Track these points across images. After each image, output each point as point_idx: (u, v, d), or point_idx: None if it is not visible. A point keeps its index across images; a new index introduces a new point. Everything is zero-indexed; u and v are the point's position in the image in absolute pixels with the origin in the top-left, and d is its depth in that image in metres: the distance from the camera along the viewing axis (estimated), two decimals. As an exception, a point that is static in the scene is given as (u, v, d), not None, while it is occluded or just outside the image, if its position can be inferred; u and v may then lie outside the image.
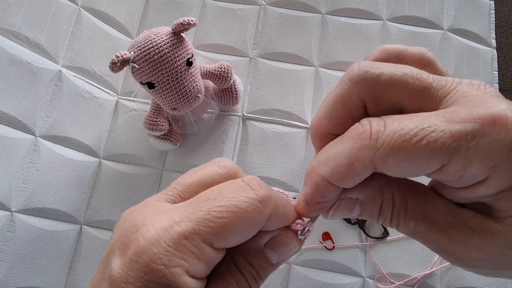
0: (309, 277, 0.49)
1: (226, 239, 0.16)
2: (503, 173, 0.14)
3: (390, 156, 0.15)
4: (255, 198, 0.17)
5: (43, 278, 0.47)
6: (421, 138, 0.14)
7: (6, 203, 0.44)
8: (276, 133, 0.55)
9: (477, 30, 0.62)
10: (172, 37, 0.43)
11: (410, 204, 0.17)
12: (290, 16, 0.61)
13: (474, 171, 0.14)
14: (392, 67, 0.17)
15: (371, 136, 0.15)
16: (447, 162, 0.14)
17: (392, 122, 0.15)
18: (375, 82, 0.17)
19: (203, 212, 0.16)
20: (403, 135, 0.15)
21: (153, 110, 0.50)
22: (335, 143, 0.17)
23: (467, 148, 0.14)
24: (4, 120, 0.45)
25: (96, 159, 0.53)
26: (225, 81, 0.50)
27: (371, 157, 0.15)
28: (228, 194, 0.17)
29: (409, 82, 0.16)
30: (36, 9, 0.49)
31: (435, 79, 0.17)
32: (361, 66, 0.17)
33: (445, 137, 0.14)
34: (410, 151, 0.14)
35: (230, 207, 0.16)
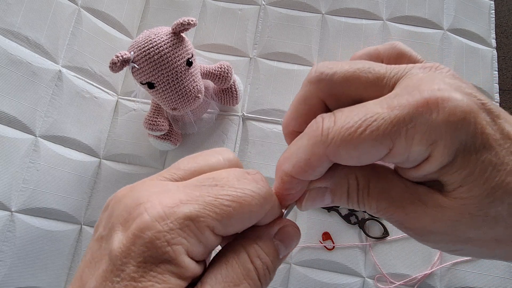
0: (309, 277, 0.49)
1: (227, 226, 0.17)
2: (441, 148, 0.16)
3: (340, 149, 0.16)
4: (260, 194, 0.17)
5: (43, 278, 0.47)
6: (365, 128, 0.16)
7: (6, 203, 0.44)
8: (276, 133, 0.55)
9: (477, 30, 0.62)
10: (172, 37, 0.43)
11: (372, 185, 0.18)
12: (290, 16, 0.61)
13: (416, 150, 0.16)
14: (345, 65, 0.18)
15: (322, 132, 0.17)
16: (392, 146, 0.16)
17: (341, 116, 0.17)
18: (330, 81, 0.18)
19: (211, 198, 0.16)
20: (349, 128, 0.16)
21: (153, 110, 0.50)
22: (297, 140, 0.19)
23: (406, 130, 0.15)
24: (4, 120, 0.45)
25: (96, 159, 0.53)
26: (225, 81, 0.50)
27: (324, 151, 0.17)
28: (235, 184, 0.17)
29: (362, 76, 0.18)
30: (36, 9, 0.49)
31: (388, 69, 0.18)
32: (317, 68, 0.19)
33: (386, 124, 0.16)
34: (357, 142, 0.16)
35: (237, 198, 0.17)
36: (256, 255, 0.18)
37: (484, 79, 0.59)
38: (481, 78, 0.59)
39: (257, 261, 0.18)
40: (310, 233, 0.51)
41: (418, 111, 0.15)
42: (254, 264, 0.17)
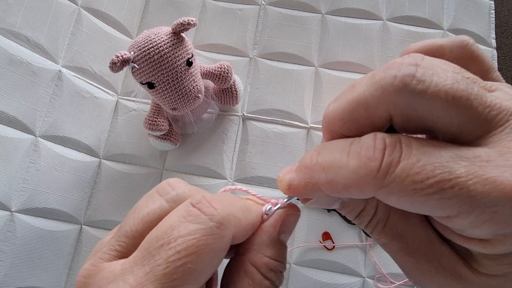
0: (309, 277, 0.49)
1: (196, 281, 0.14)
2: (508, 243, 0.13)
3: (395, 197, 0.13)
4: (212, 226, 0.15)
5: (43, 278, 0.47)
6: (436, 191, 0.12)
7: (6, 203, 0.44)
8: (276, 133, 0.55)
9: (477, 30, 0.62)
10: (172, 37, 0.43)
11: (391, 220, 0.16)
12: (290, 16, 0.61)
13: (479, 232, 0.13)
14: (441, 79, 0.13)
15: (380, 168, 0.13)
16: (454, 215, 0.13)
17: (411, 153, 0.13)
18: (412, 101, 0.13)
19: (162, 266, 0.14)
20: (417, 182, 0.13)
21: (153, 110, 0.50)
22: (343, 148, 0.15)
23: (482, 211, 0.12)
24: (4, 120, 0.45)
25: (96, 159, 0.53)
26: (225, 81, 0.50)
27: (373, 190, 0.14)
28: (180, 232, 0.14)
29: (454, 109, 0.13)
30: (36, 9, 0.49)
31: (487, 107, 0.13)
32: (401, 74, 0.13)
33: (463, 195, 0.12)
34: (418, 200, 0.13)
35: (189, 249, 0.14)
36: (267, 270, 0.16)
37: (484, 79, 0.59)
38: (481, 78, 0.59)
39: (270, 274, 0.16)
40: (310, 233, 0.51)
41: (509, 200, 0.12)
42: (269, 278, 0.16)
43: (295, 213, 0.18)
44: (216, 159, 0.54)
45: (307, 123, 0.56)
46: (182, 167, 0.54)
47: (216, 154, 0.54)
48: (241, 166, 0.54)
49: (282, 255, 0.17)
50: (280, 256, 0.17)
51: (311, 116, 0.56)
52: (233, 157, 0.55)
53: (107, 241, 0.17)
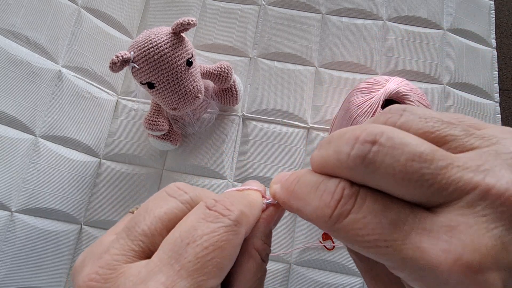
0: (309, 277, 0.49)
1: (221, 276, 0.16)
2: None
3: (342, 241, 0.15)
4: (231, 224, 0.16)
5: (43, 278, 0.47)
6: (372, 246, 0.14)
7: (6, 203, 0.44)
8: (276, 133, 0.55)
9: (477, 30, 0.62)
10: (172, 37, 0.43)
11: None
12: (290, 16, 0.61)
13: (414, 285, 0.14)
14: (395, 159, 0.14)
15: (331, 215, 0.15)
16: (391, 267, 0.14)
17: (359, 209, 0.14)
18: (367, 177, 0.14)
19: (192, 262, 0.15)
20: (358, 235, 0.14)
21: (153, 110, 0.50)
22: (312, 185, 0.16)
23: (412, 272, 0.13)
24: (4, 120, 0.45)
25: (96, 159, 0.53)
26: (225, 81, 0.50)
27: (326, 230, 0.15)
28: (204, 230, 0.15)
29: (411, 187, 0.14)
30: (36, 9, 0.49)
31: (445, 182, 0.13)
32: (353, 154, 0.14)
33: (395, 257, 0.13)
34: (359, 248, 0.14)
35: (216, 244, 0.15)
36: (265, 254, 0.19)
37: (484, 79, 0.59)
38: (481, 78, 0.59)
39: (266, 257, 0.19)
40: (310, 233, 0.51)
41: (435, 272, 0.12)
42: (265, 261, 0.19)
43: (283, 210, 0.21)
44: (216, 159, 0.54)
45: (307, 123, 0.56)
46: (182, 167, 0.54)
47: (216, 154, 0.54)
48: (241, 166, 0.54)
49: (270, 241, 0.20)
50: (270, 242, 0.20)
51: (311, 116, 0.56)
52: (233, 157, 0.55)
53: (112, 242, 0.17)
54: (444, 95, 0.58)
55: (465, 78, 0.59)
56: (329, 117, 0.56)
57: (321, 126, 0.56)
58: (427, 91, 0.57)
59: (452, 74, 0.59)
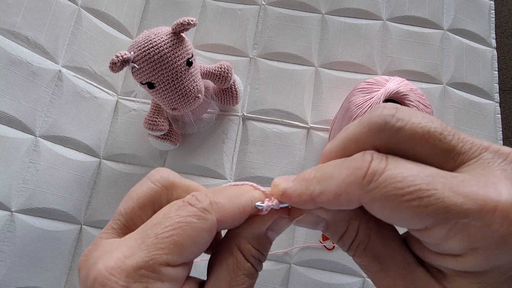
0: (309, 277, 0.49)
1: (181, 254, 0.17)
2: (479, 258, 0.14)
3: (377, 203, 0.15)
4: (195, 210, 0.17)
5: (43, 278, 0.47)
6: (414, 198, 0.14)
7: (6, 203, 0.44)
8: (276, 133, 0.55)
9: (477, 30, 0.62)
10: (172, 37, 0.43)
11: (371, 244, 0.17)
12: (290, 16, 0.61)
13: (453, 245, 0.14)
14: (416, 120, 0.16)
15: (366, 175, 0.15)
16: (430, 226, 0.14)
17: (395, 166, 0.15)
18: (393, 136, 0.16)
19: (151, 238, 0.16)
20: (398, 188, 0.14)
21: (153, 110, 0.50)
22: (335, 166, 0.17)
23: (455, 223, 0.14)
24: (4, 120, 0.45)
25: (96, 159, 0.53)
26: (225, 81, 0.50)
27: (359, 196, 0.15)
28: (171, 214, 0.17)
29: (430, 142, 0.15)
30: (36, 9, 0.49)
31: (460, 142, 0.15)
32: (383, 114, 0.16)
33: (438, 205, 0.14)
34: (398, 206, 0.14)
35: (175, 225, 0.17)
36: (250, 255, 0.19)
37: (484, 79, 0.59)
38: (481, 78, 0.59)
39: (251, 259, 0.19)
40: (310, 233, 0.51)
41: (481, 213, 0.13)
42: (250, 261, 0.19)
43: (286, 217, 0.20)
44: (216, 159, 0.54)
45: (307, 123, 0.56)
46: (182, 167, 0.54)
47: (216, 154, 0.54)
48: (241, 166, 0.54)
49: (265, 248, 0.20)
50: (263, 248, 0.19)
51: (311, 116, 0.56)
52: (233, 157, 0.55)
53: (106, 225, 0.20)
54: (444, 95, 0.58)
55: (465, 78, 0.59)
56: (329, 117, 0.56)
57: (321, 126, 0.56)
58: (427, 91, 0.57)
59: (452, 74, 0.59)
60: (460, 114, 0.57)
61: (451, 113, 0.57)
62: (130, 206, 0.19)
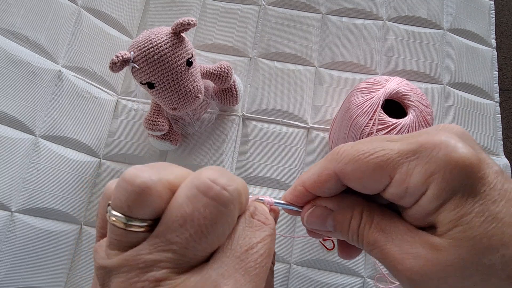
0: (309, 277, 0.49)
1: None
2: (439, 182, 0.16)
3: (347, 166, 0.19)
4: (272, 232, 0.19)
5: (43, 278, 0.47)
6: (372, 153, 0.18)
7: (6, 203, 0.44)
8: (276, 133, 0.55)
9: (477, 30, 0.62)
10: (172, 37, 0.43)
11: (375, 221, 0.19)
12: (290, 16, 0.61)
13: (415, 181, 0.17)
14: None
15: (338, 152, 0.19)
16: (393, 174, 0.18)
17: (358, 144, 0.19)
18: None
19: (252, 267, 0.17)
20: (360, 152, 0.18)
21: (153, 110, 0.50)
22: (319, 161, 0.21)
23: (409, 161, 0.17)
24: (4, 120, 0.45)
25: (96, 159, 0.53)
26: (225, 81, 0.50)
27: (334, 167, 0.19)
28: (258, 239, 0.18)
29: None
30: (36, 9, 0.49)
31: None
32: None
33: (391, 153, 0.18)
34: (363, 163, 0.18)
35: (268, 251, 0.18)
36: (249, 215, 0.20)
37: (484, 79, 0.59)
38: (481, 78, 0.59)
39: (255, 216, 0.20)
40: (310, 233, 0.51)
41: (423, 147, 0.17)
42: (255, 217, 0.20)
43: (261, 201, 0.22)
44: (216, 159, 0.54)
45: (307, 123, 0.56)
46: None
47: (216, 154, 0.54)
48: (241, 166, 0.54)
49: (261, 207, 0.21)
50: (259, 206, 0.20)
51: (311, 116, 0.56)
52: (233, 157, 0.55)
53: None
54: (444, 95, 0.58)
55: (465, 78, 0.59)
56: (329, 117, 0.56)
57: (321, 126, 0.56)
58: (427, 91, 0.57)
59: (452, 74, 0.59)
60: (460, 114, 0.57)
61: (451, 113, 0.57)
62: None
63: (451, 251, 0.16)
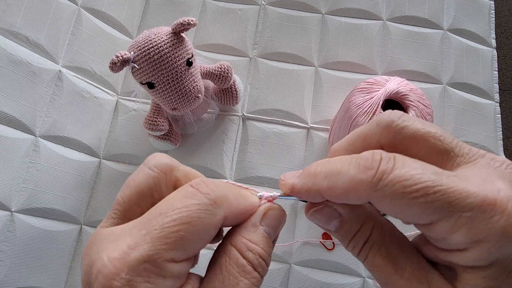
0: (309, 277, 0.49)
1: (186, 250, 0.16)
2: (482, 250, 0.15)
3: (386, 200, 0.16)
4: (206, 202, 0.17)
5: (43, 278, 0.47)
6: (422, 195, 0.15)
7: (6, 203, 0.44)
8: (276, 133, 0.55)
9: (477, 30, 0.62)
10: (172, 37, 0.43)
11: (386, 244, 0.18)
12: (290, 16, 0.61)
13: (458, 239, 0.15)
14: (419, 123, 0.17)
15: (376, 174, 0.16)
16: (436, 220, 0.15)
17: (402, 166, 0.16)
18: (397, 133, 0.17)
19: (157, 231, 0.16)
20: (406, 186, 0.15)
21: (153, 110, 0.50)
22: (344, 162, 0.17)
23: (459, 216, 0.15)
24: (4, 120, 0.45)
25: (96, 159, 0.53)
26: (225, 81, 0.50)
27: (368, 193, 0.16)
28: (178, 205, 0.16)
29: (430, 141, 0.17)
30: (36, 9, 0.49)
31: (459, 146, 0.17)
32: (391, 115, 0.18)
33: (444, 200, 0.15)
34: (406, 203, 0.15)
35: (184, 219, 0.16)
36: (246, 249, 0.18)
37: (484, 79, 0.59)
38: (481, 78, 0.59)
39: (249, 254, 0.18)
40: (310, 233, 0.51)
41: (482, 207, 0.14)
42: (247, 258, 0.18)
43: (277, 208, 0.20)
44: (216, 159, 0.54)
45: (307, 123, 0.56)
46: (182, 167, 0.54)
47: (216, 154, 0.54)
48: (241, 166, 0.54)
49: (263, 242, 0.18)
50: (261, 242, 0.18)
51: (311, 116, 0.56)
52: (233, 157, 0.55)
53: None
54: (444, 95, 0.58)
55: (465, 78, 0.59)
56: (329, 117, 0.56)
57: (321, 126, 0.56)
58: (427, 91, 0.57)
59: (452, 74, 0.59)
60: (460, 114, 0.57)
61: (451, 113, 0.57)
62: (128, 194, 0.18)
63: None
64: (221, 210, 0.17)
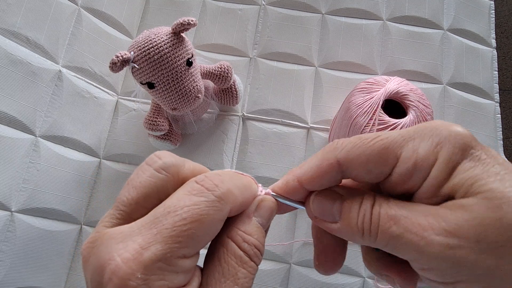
0: (309, 277, 0.49)
1: (196, 246, 0.17)
2: (448, 147, 0.17)
3: (351, 152, 0.18)
4: (214, 199, 0.17)
5: (43, 278, 0.47)
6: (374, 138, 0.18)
7: (6, 203, 0.44)
8: (276, 133, 0.55)
9: (477, 30, 0.62)
10: (172, 37, 0.43)
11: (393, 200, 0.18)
12: (290, 16, 0.61)
13: (423, 152, 0.17)
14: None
15: (336, 143, 0.19)
16: (399, 152, 0.18)
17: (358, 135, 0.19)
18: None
19: (168, 229, 0.16)
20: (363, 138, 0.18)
21: (153, 110, 0.50)
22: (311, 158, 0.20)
23: (413, 140, 0.17)
24: (4, 120, 0.45)
25: (96, 159, 0.53)
26: (225, 81, 0.50)
27: (335, 156, 0.19)
28: (186, 203, 0.17)
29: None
30: (36, 9, 0.49)
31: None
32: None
33: (394, 135, 0.18)
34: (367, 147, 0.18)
35: (193, 216, 0.16)
36: (242, 241, 0.18)
37: (484, 79, 0.59)
38: (481, 78, 0.59)
39: (245, 245, 0.18)
40: (310, 233, 0.51)
41: (424, 128, 0.18)
42: (243, 249, 0.18)
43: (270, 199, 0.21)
44: (216, 159, 0.54)
45: (307, 123, 0.56)
46: (182, 167, 0.54)
47: (216, 154, 0.54)
48: (241, 166, 0.54)
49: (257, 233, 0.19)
50: (255, 233, 0.19)
51: (311, 116, 0.56)
52: (233, 157, 0.55)
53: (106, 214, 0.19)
54: (444, 95, 0.58)
55: (465, 78, 0.59)
56: (329, 117, 0.56)
57: (321, 126, 0.56)
58: (427, 91, 0.57)
59: (452, 74, 0.59)
60: (460, 114, 0.57)
61: (451, 113, 0.57)
62: (134, 196, 0.18)
63: (484, 206, 0.15)
64: (227, 205, 0.18)
